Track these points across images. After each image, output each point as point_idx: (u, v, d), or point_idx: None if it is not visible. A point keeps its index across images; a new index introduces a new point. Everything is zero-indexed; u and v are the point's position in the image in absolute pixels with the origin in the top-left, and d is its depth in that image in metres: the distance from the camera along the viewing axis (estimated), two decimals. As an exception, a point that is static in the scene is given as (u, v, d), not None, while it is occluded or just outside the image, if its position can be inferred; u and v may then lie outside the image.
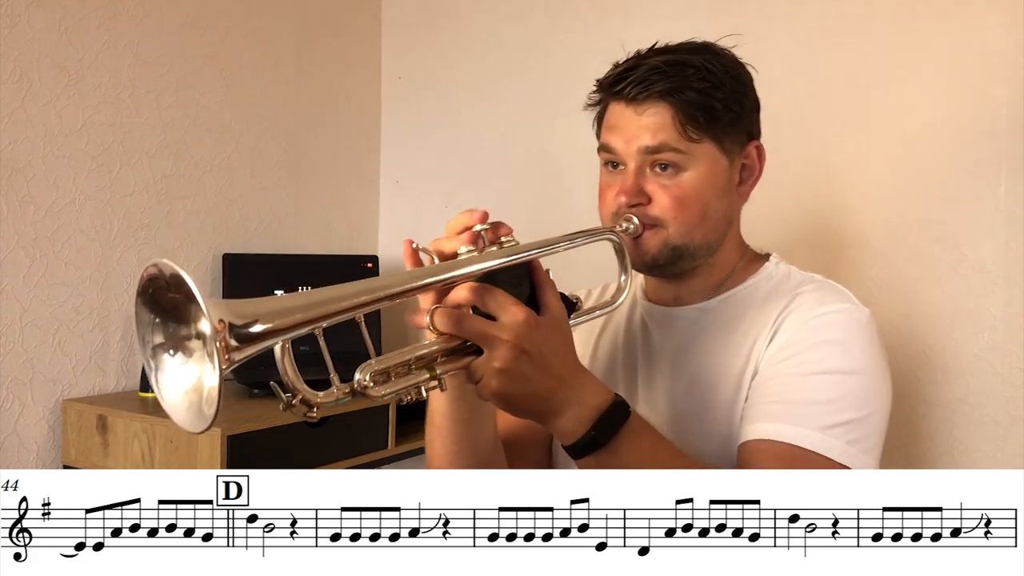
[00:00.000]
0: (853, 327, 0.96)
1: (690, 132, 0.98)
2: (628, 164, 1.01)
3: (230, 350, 0.62)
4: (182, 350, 0.65)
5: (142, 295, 0.64)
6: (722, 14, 1.95)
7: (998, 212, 1.68)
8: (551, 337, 0.81)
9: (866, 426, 0.92)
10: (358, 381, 0.74)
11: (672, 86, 0.99)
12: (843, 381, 0.93)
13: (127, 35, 1.98)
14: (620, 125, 1.02)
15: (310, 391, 0.70)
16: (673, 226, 1.00)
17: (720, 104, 1.00)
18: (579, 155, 2.23)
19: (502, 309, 0.79)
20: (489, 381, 0.79)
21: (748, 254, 1.10)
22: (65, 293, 1.87)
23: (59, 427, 1.85)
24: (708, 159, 1.00)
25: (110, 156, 1.95)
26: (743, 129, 1.04)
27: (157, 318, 0.65)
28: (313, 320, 0.68)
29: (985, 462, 1.68)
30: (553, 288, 0.85)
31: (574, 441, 0.83)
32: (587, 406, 0.83)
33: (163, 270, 0.62)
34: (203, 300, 0.60)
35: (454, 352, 0.80)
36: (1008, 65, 1.66)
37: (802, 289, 1.01)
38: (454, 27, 2.50)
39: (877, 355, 0.96)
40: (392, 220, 2.66)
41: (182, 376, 0.65)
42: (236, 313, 0.63)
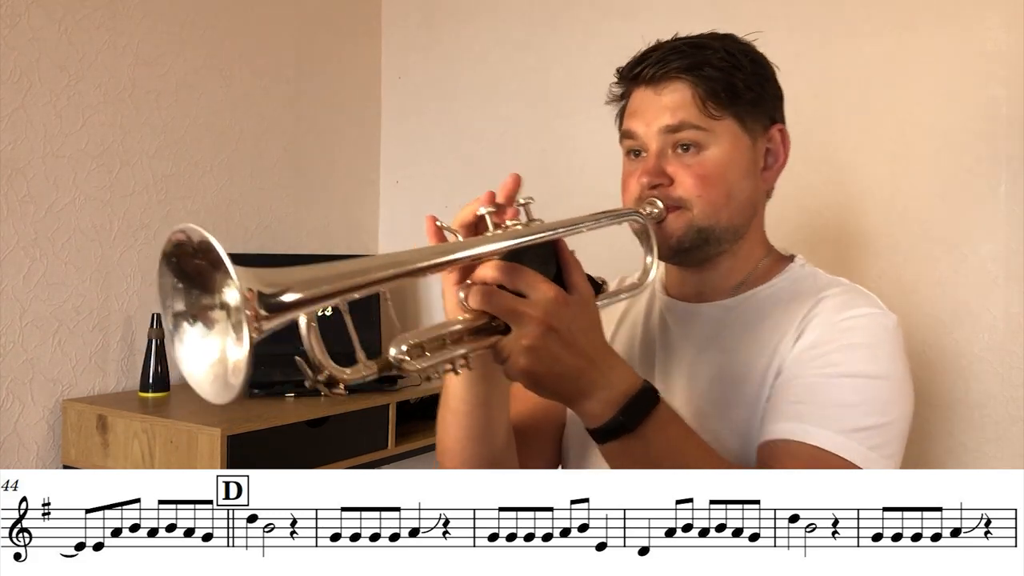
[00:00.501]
0: (880, 332, 0.95)
1: (711, 108, 0.97)
2: (650, 147, 1.00)
3: (259, 319, 0.59)
4: (203, 320, 0.63)
5: (167, 260, 0.62)
6: (722, 14, 1.95)
7: (998, 212, 1.68)
8: (580, 316, 0.79)
9: (888, 432, 0.91)
10: (393, 355, 0.72)
11: (691, 63, 0.98)
12: (868, 385, 0.91)
13: (127, 35, 1.98)
14: (641, 109, 1.01)
15: (337, 367, 0.68)
16: (698, 206, 0.98)
17: (741, 83, 0.98)
18: (579, 155, 2.25)
19: (531, 287, 0.78)
20: (517, 359, 0.77)
21: (773, 253, 1.09)
22: (65, 293, 1.87)
23: (59, 427, 1.85)
24: (730, 136, 0.99)
25: (110, 156, 1.95)
26: (765, 111, 1.03)
27: (180, 283, 0.63)
28: (342, 291, 0.66)
29: (985, 462, 1.68)
30: (580, 268, 0.84)
31: (601, 424, 0.81)
32: (616, 389, 0.81)
33: (191, 236, 0.60)
34: (232, 267, 0.58)
35: (480, 331, 0.79)
36: (1008, 65, 1.66)
37: (829, 291, 0.99)
38: (454, 27, 2.50)
39: (902, 361, 0.95)
40: (392, 220, 2.66)
41: (205, 348, 0.63)
42: (265, 281, 0.60)
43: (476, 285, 0.78)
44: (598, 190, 2.31)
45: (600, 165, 2.22)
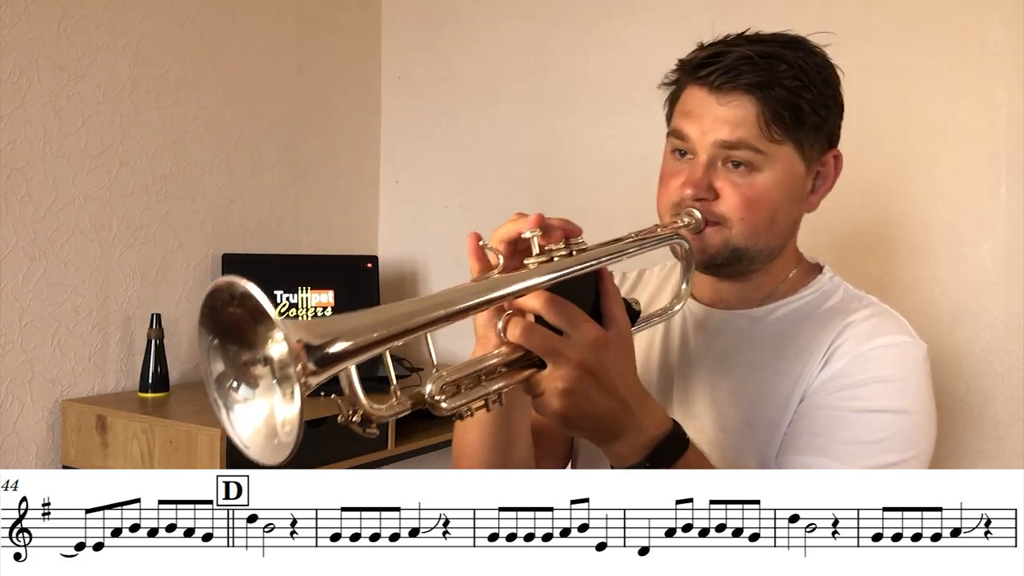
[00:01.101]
0: (909, 364, 0.93)
1: (774, 132, 0.93)
2: (699, 155, 0.95)
3: (307, 374, 0.56)
4: (246, 380, 0.60)
5: (203, 317, 0.58)
6: (722, 15, 1.94)
7: (999, 212, 1.68)
8: (617, 357, 0.78)
9: (911, 467, 0.89)
10: (430, 393, 0.70)
11: (762, 79, 0.92)
12: (893, 421, 0.89)
13: (127, 35, 1.98)
14: (698, 112, 0.95)
15: (372, 406, 0.65)
16: (738, 227, 0.94)
17: (808, 106, 0.94)
18: (579, 155, 2.25)
19: (572, 325, 0.75)
20: (551, 400, 0.75)
21: (802, 264, 1.07)
22: (64, 293, 1.87)
23: (58, 427, 1.85)
24: (786, 163, 0.95)
25: (109, 156, 1.95)
26: (825, 135, 1.00)
27: (215, 340, 0.59)
28: (389, 338, 0.63)
29: (985, 462, 1.68)
30: (619, 299, 0.81)
31: (628, 466, 0.80)
32: (646, 434, 0.79)
33: (235, 286, 0.55)
34: (279, 319, 0.54)
35: (515, 363, 0.76)
36: (1008, 65, 1.66)
37: (858, 316, 0.97)
38: (454, 27, 2.50)
39: (928, 395, 0.93)
40: (392, 220, 2.66)
41: (252, 409, 0.60)
42: (313, 333, 0.57)
43: (516, 317, 0.76)
44: (599, 189, 2.32)
45: (600, 164, 2.22)
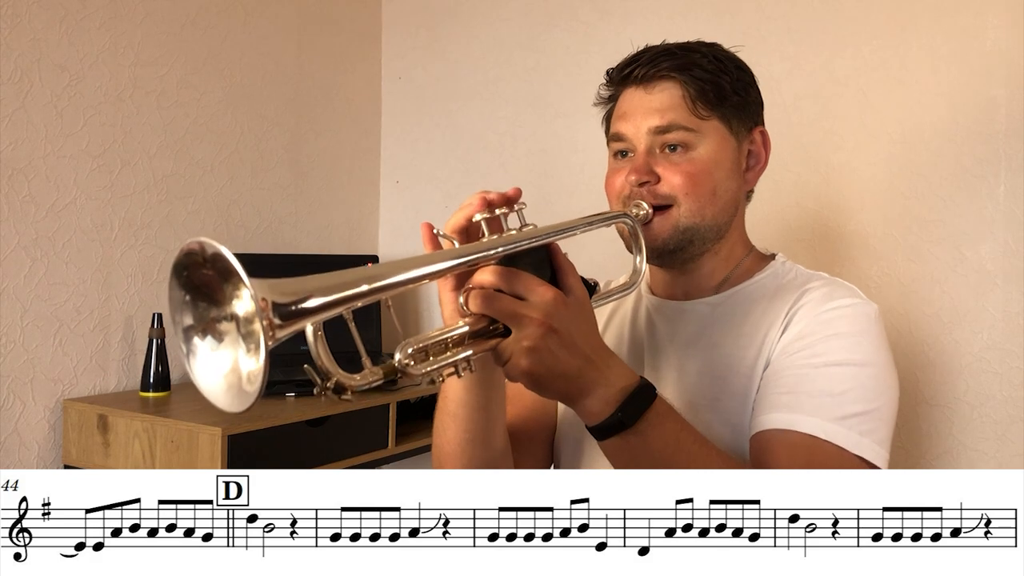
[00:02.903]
0: (863, 321, 0.97)
1: (700, 108, 1.00)
2: (638, 147, 1.03)
3: (273, 327, 0.61)
4: (212, 333, 0.64)
5: (176, 273, 0.63)
6: (722, 15, 1.94)
7: (998, 212, 1.68)
8: (578, 317, 0.82)
9: (877, 417, 0.92)
10: (398, 360, 0.74)
11: (682, 63, 1.01)
12: (855, 373, 0.94)
13: (128, 35, 1.98)
14: (630, 110, 1.04)
15: (345, 374, 0.70)
16: (684, 203, 1.00)
17: (728, 85, 1.02)
18: (579, 155, 2.25)
19: (529, 290, 0.80)
20: (519, 360, 0.79)
21: (754, 252, 1.11)
22: (66, 293, 1.87)
23: (60, 427, 1.85)
24: (717, 137, 1.02)
25: (111, 156, 1.95)
26: (749, 115, 1.06)
27: (187, 296, 0.64)
28: (349, 299, 0.68)
29: (984, 461, 1.68)
30: (574, 271, 0.86)
31: (600, 422, 0.83)
32: (614, 387, 0.83)
33: (204, 247, 0.61)
34: (246, 277, 0.59)
35: (480, 334, 0.81)
36: (1008, 65, 1.66)
37: (811, 284, 1.02)
38: (454, 27, 2.50)
39: (885, 349, 0.98)
40: (392, 220, 2.66)
41: (216, 360, 0.64)
42: (278, 291, 0.62)
43: (475, 289, 0.80)
44: (598, 189, 2.31)
45: (600, 164, 2.22)
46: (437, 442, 1.02)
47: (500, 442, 1.00)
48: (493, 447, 0.99)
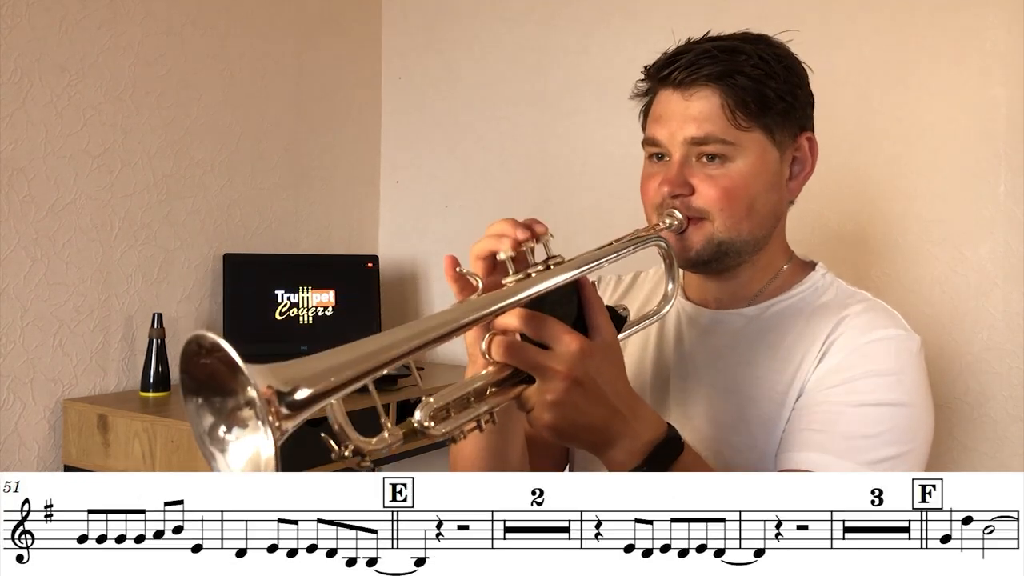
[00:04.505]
0: (905, 357, 0.93)
1: (740, 119, 0.94)
2: (673, 154, 0.97)
3: (281, 418, 0.57)
4: (236, 424, 0.60)
5: (184, 368, 0.59)
6: (722, 15, 1.95)
7: (998, 212, 1.68)
8: (604, 366, 0.78)
9: (909, 460, 0.89)
10: (419, 421, 0.72)
11: (722, 70, 0.95)
12: (892, 415, 0.90)
13: (128, 35, 1.98)
14: (667, 115, 0.98)
15: (362, 439, 0.68)
16: (719, 219, 0.96)
17: (773, 92, 0.95)
18: (579, 155, 2.25)
19: (555, 339, 0.76)
20: (541, 414, 0.77)
21: (794, 260, 1.07)
22: (66, 293, 1.87)
23: (60, 427, 1.85)
24: (758, 149, 0.96)
25: (111, 156, 1.95)
26: (796, 121, 1.00)
27: (200, 399, 0.60)
28: (364, 374, 0.65)
29: (984, 462, 1.68)
30: (602, 307, 0.82)
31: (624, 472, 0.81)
32: (640, 440, 0.80)
33: (200, 342, 0.57)
34: (246, 367, 0.55)
35: (504, 381, 0.78)
36: (1008, 65, 1.66)
37: (852, 309, 0.97)
38: (454, 27, 2.50)
39: (924, 387, 0.94)
40: (392, 220, 2.66)
41: (244, 446, 0.61)
42: (281, 378, 0.58)
43: (499, 337, 0.77)
44: (599, 189, 2.32)
45: (600, 164, 2.22)
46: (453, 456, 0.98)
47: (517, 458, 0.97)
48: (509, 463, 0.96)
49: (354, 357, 0.65)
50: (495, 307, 0.75)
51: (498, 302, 0.75)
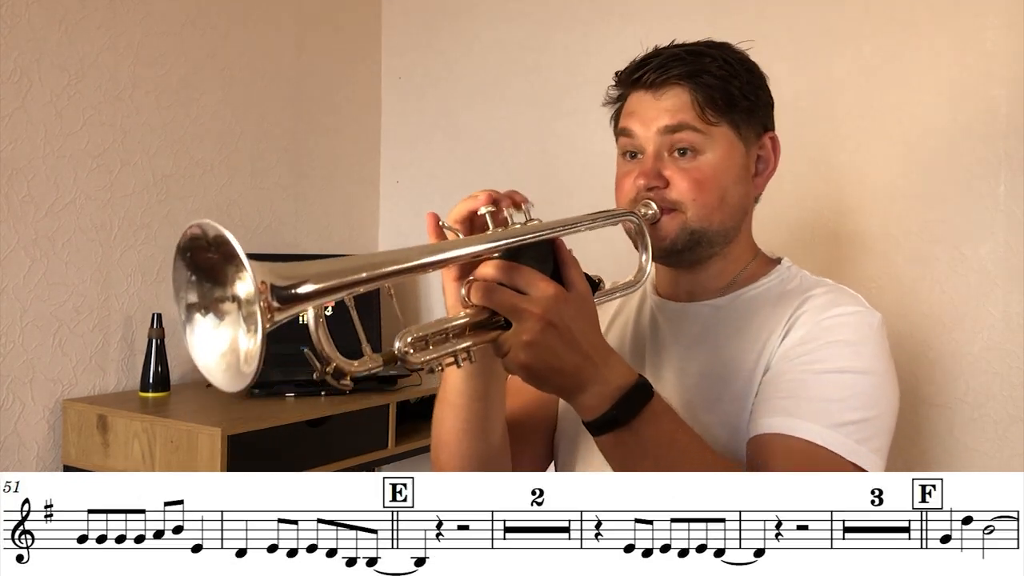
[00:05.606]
0: (865, 329, 0.97)
1: (708, 115, 1.00)
2: (647, 149, 1.03)
3: (271, 310, 0.63)
4: (214, 312, 0.66)
5: (181, 254, 0.65)
6: (722, 15, 1.95)
7: (998, 212, 1.68)
8: (578, 313, 0.82)
9: (874, 426, 0.93)
10: (398, 348, 0.75)
11: (691, 70, 1.01)
12: (854, 381, 0.94)
13: (127, 35, 1.98)
14: (639, 110, 1.04)
15: (344, 360, 0.71)
16: (692, 209, 1.00)
17: (737, 91, 1.02)
18: (579, 155, 2.25)
19: (530, 284, 0.80)
20: (517, 354, 0.80)
21: (760, 256, 1.11)
22: (65, 293, 1.87)
23: (59, 427, 1.85)
24: (726, 143, 1.02)
25: (110, 156, 1.95)
26: (759, 119, 1.06)
27: (193, 276, 0.66)
28: (350, 284, 0.69)
29: (984, 462, 1.68)
30: (577, 266, 0.86)
31: (595, 417, 0.84)
32: (610, 384, 0.83)
33: (206, 231, 0.62)
34: (247, 260, 0.61)
35: (481, 326, 0.82)
36: (1008, 65, 1.66)
37: (815, 291, 1.02)
38: (454, 27, 2.50)
39: (886, 358, 0.98)
40: (392, 220, 2.66)
41: (216, 338, 0.65)
42: (278, 274, 0.64)
43: (477, 282, 0.81)
44: (599, 189, 2.31)
45: (600, 164, 2.21)
46: (435, 432, 1.02)
47: (498, 436, 1.01)
48: (490, 441, 1.00)
49: (342, 267, 0.70)
50: (475, 248, 0.81)
51: (478, 244, 0.81)
